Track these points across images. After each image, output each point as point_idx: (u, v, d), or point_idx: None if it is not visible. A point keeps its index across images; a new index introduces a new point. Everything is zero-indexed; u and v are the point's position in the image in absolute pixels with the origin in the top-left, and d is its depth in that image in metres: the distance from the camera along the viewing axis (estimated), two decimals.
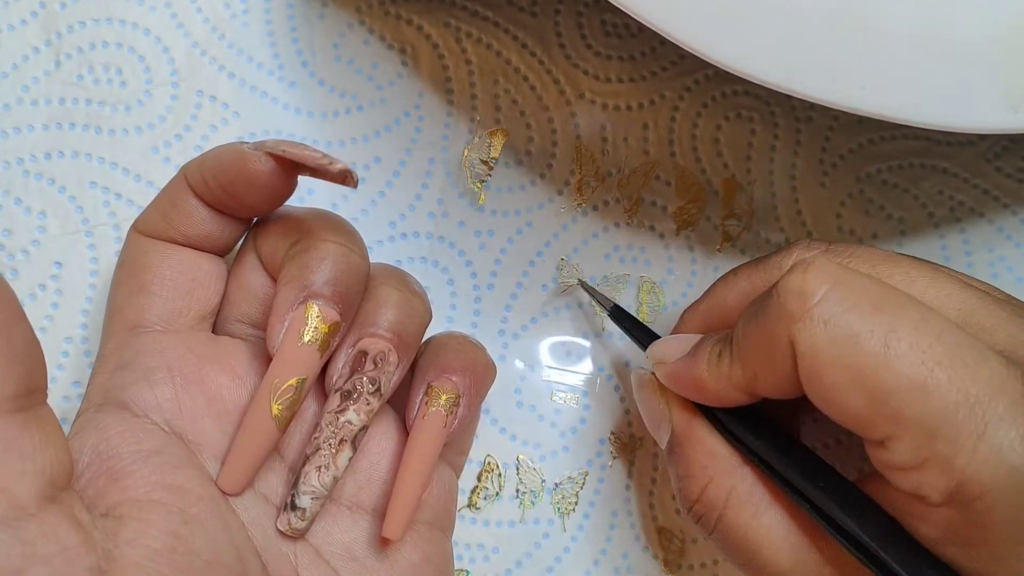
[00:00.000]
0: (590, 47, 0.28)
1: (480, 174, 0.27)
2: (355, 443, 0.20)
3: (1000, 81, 0.23)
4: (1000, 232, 0.28)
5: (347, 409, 0.20)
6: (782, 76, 0.22)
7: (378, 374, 0.20)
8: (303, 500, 0.20)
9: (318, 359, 0.20)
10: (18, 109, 0.26)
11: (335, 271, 0.20)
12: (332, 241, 0.20)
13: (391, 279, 0.22)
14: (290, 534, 0.20)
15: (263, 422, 0.20)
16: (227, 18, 0.27)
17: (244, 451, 0.20)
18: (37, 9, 0.26)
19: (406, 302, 0.21)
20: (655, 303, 0.27)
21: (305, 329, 0.20)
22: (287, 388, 0.19)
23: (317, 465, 0.20)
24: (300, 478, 0.20)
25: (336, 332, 0.20)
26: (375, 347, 0.20)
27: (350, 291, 0.20)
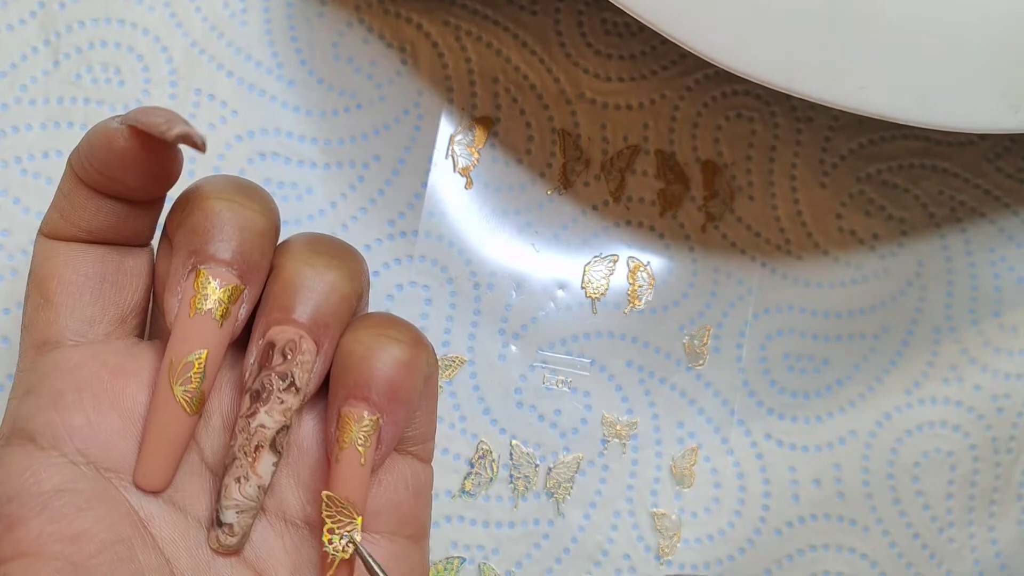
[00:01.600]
0: (590, 46, 0.28)
1: (466, 163, 0.27)
2: (275, 446, 0.18)
3: (1001, 81, 0.23)
4: (1002, 232, 0.28)
5: (258, 411, 0.18)
6: (782, 76, 0.22)
7: (289, 367, 0.18)
8: (227, 515, 0.18)
9: (217, 329, 0.18)
10: (16, 108, 0.26)
11: (225, 230, 0.18)
12: (219, 199, 0.18)
13: (300, 251, 0.19)
14: (222, 552, 0.18)
15: (168, 407, 0.18)
16: (226, 17, 0.27)
17: (155, 442, 0.18)
18: (36, 9, 0.26)
19: (316, 276, 0.18)
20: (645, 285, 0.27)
21: (197, 298, 0.17)
22: (186, 365, 0.17)
23: (236, 476, 0.18)
24: (222, 491, 0.18)
25: (238, 298, 0.18)
26: (283, 336, 0.18)
27: (247, 250, 0.18)
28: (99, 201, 0.18)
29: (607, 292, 0.27)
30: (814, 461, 0.27)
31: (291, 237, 0.20)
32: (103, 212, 0.18)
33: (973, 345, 0.27)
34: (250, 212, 0.18)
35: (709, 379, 0.27)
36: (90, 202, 0.18)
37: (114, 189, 0.18)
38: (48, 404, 0.18)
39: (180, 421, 0.18)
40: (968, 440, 0.27)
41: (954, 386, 0.27)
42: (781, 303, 0.27)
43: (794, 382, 0.27)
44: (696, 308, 0.27)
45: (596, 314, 0.27)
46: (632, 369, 0.27)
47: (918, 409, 0.27)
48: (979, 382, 0.27)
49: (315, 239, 0.19)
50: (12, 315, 0.25)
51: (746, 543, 0.26)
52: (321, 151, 0.27)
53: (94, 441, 0.18)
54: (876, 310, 0.28)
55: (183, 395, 0.18)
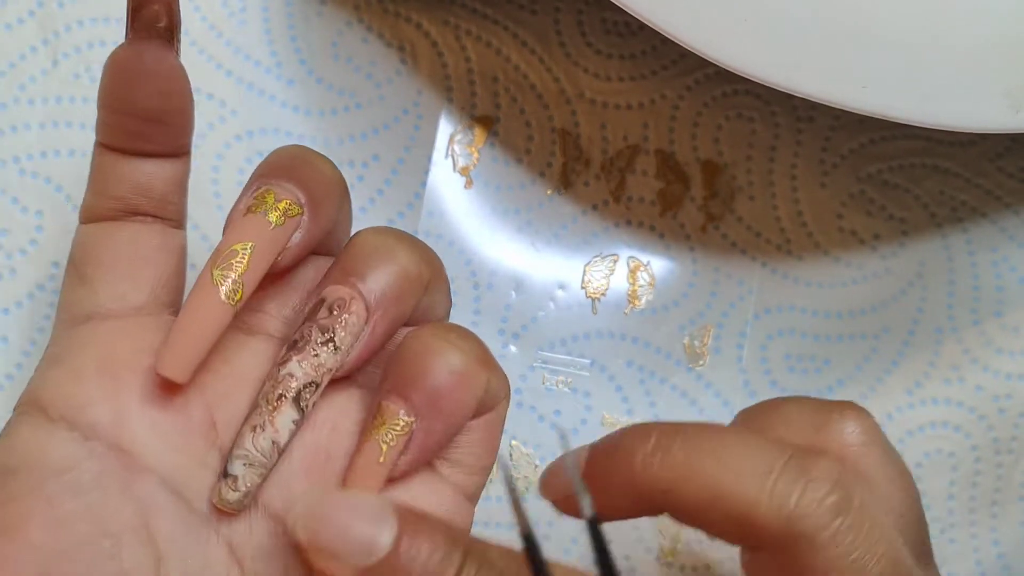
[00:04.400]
0: (590, 45, 0.28)
1: (466, 162, 0.27)
2: (300, 402, 0.17)
3: (1002, 81, 0.23)
4: (1003, 232, 0.28)
5: (290, 359, 0.17)
6: (783, 75, 0.22)
7: (332, 322, 0.17)
8: (235, 465, 0.17)
9: (268, 229, 0.17)
10: (15, 108, 0.26)
11: (294, 163, 0.18)
12: (292, 145, 0.19)
13: (379, 228, 0.19)
14: (220, 507, 0.17)
15: (204, 291, 0.17)
16: (225, 16, 0.27)
17: (185, 327, 0.17)
18: (35, 8, 0.26)
19: (384, 248, 0.18)
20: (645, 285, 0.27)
21: (255, 204, 0.18)
22: (230, 252, 0.17)
23: (253, 424, 0.17)
24: (235, 440, 0.17)
25: (295, 214, 0.18)
26: (334, 293, 0.17)
27: (312, 184, 0.18)
28: (124, 163, 0.18)
29: (607, 292, 0.27)
30: None
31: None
32: (130, 174, 0.18)
33: (975, 345, 0.27)
34: (321, 161, 0.19)
35: (710, 379, 0.27)
36: (116, 166, 0.18)
37: (133, 136, 0.18)
38: (68, 376, 0.18)
39: (214, 306, 0.17)
40: (970, 441, 0.27)
41: (955, 386, 0.27)
42: (782, 303, 0.27)
43: (795, 383, 0.27)
44: (696, 308, 0.27)
45: (596, 314, 0.27)
46: (632, 369, 0.27)
47: (919, 410, 0.27)
48: (981, 382, 0.27)
49: (395, 229, 0.19)
50: (11, 314, 0.25)
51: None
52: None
53: (109, 418, 0.17)
54: (877, 310, 0.28)
55: (220, 278, 0.17)
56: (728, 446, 0.17)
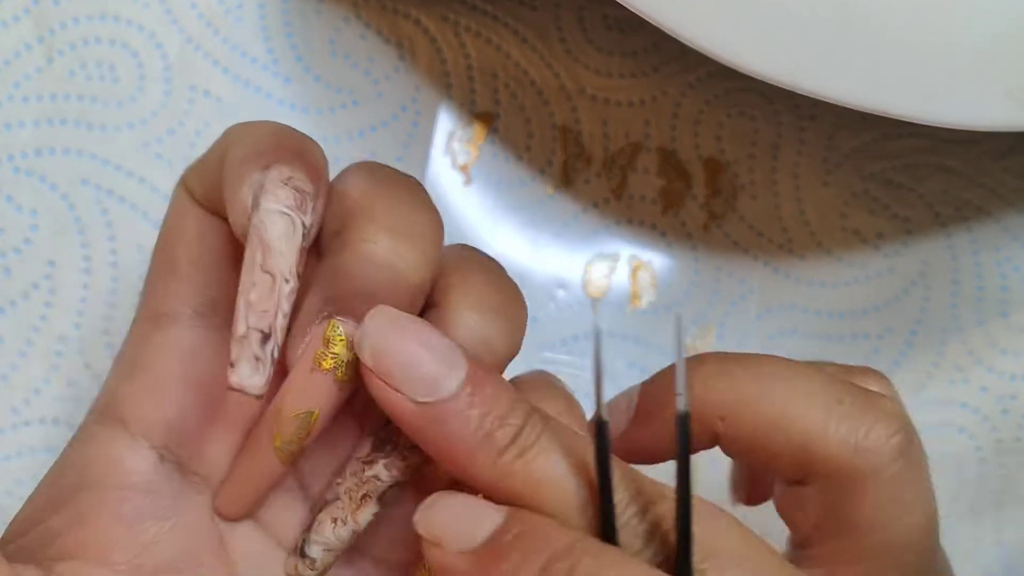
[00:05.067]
0: (591, 42, 0.27)
1: (465, 159, 0.26)
2: (383, 499, 0.17)
3: (1006, 78, 0.23)
4: (1007, 231, 0.28)
5: (376, 461, 0.16)
6: (786, 73, 0.22)
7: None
8: (313, 549, 0.17)
9: (336, 391, 0.16)
10: (9, 105, 0.26)
11: (376, 284, 0.16)
12: (378, 242, 0.16)
13: (470, 291, 0.17)
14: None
15: (263, 452, 0.17)
16: (221, 13, 0.27)
17: (242, 479, 0.17)
18: (30, 6, 0.26)
19: (477, 329, 0.16)
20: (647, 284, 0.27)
21: (323, 352, 0.16)
22: (293, 419, 0.16)
23: (333, 516, 0.17)
24: (314, 525, 0.17)
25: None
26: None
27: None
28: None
29: (608, 291, 0.27)
30: None
31: (456, 262, 0.17)
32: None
33: (979, 346, 0.27)
34: (409, 268, 0.16)
35: None
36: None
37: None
38: (150, 388, 0.17)
39: (270, 467, 0.17)
40: (973, 442, 0.27)
41: (960, 387, 0.27)
42: (784, 303, 0.27)
43: None
44: (698, 308, 0.27)
45: (596, 315, 0.27)
46: (634, 370, 0.27)
47: (923, 411, 0.27)
48: (985, 383, 0.27)
49: (482, 276, 0.17)
50: (5, 314, 0.25)
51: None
52: None
53: (187, 440, 0.17)
54: (880, 310, 0.27)
55: (282, 445, 0.16)
56: (794, 374, 0.17)
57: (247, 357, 0.15)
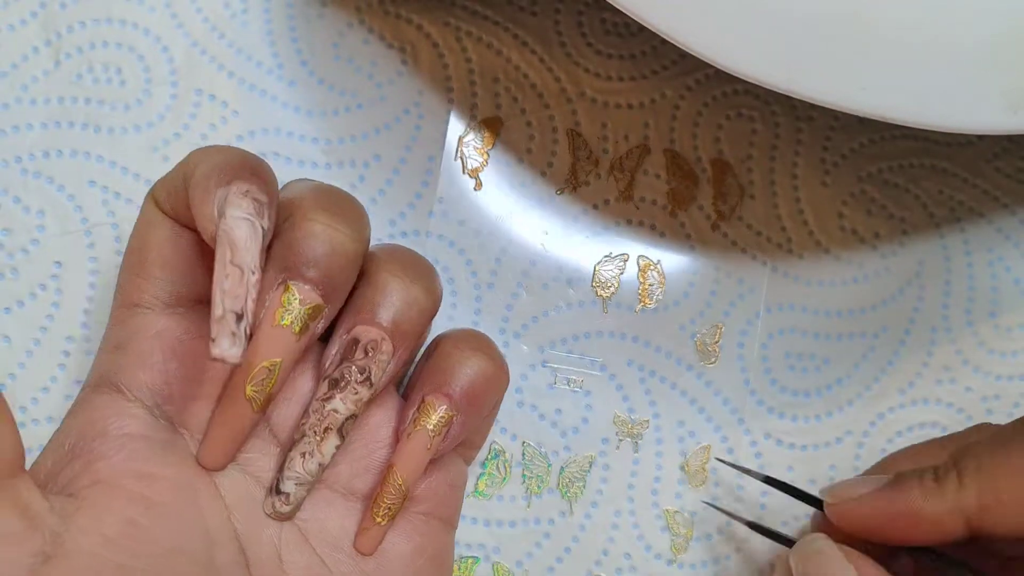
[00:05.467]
0: (591, 45, 0.28)
1: (476, 164, 0.27)
2: (342, 432, 0.20)
3: (999, 82, 0.23)
4: (1000, 232, 0.28)
5: (333, 397, 0.20)
6: (782, 77, 0.22)
7: (368, 363, 0.20)
8: (287, 485, 0.20)
9: (294, 342, 0.19)
10: (17, 108, 0.26)
11: (318, 253, 0.19)
12: (318, 221, 0.19)
13: (393, 264, 0.21)
14: (274, 517, 0.21)
15: (238, 403, 0.20)
16: (226, 17, 0.27)
17: (221, 429, 0.20)
18: (37, 9, 0.26)
19: (404, 290, 0.20)
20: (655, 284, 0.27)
21: (282, 311, 0.19)
22: (260, 370, 0.19)
23: (302, 451, 0.20)
24: (286, 463, 0.20)
25: (318, 316, 0.20)
26: (367, 335, 0.20)
27: (334, 274, 0.20)
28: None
29: (618, 291, 0.27)
30: (811, 461, 0.27)
31: (381, 248, 0.22)
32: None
33: (967, 346, 0.27)
34: (344, 238, 0.20)
35: (711, 378, 0.27)
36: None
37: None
38: (136, 363, 0.20)
39: (246, 416, 0.20)
40: None
41: (946, 387, 0.27)
42: (783, 302, 0.27)
43: (795, 381, 0.27)
44: (698, 307, 0.27)
45: (607, 313, 0.27)
46: (644, 371, 0.27)
47: (910, 410, 0.27)
48: (971, 383, 0.27)
49: (404, 254, 0.22)
50: (13, 314, 0.25)
51: (742, 542, 0.26)
52: (322, 151, 0.27)
53: (172, 401, 0.20)
54: (877, 309, 0.28)
55: (253, 394, 0.19)
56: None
57: (226, 333, 0.17)
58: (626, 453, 0.27)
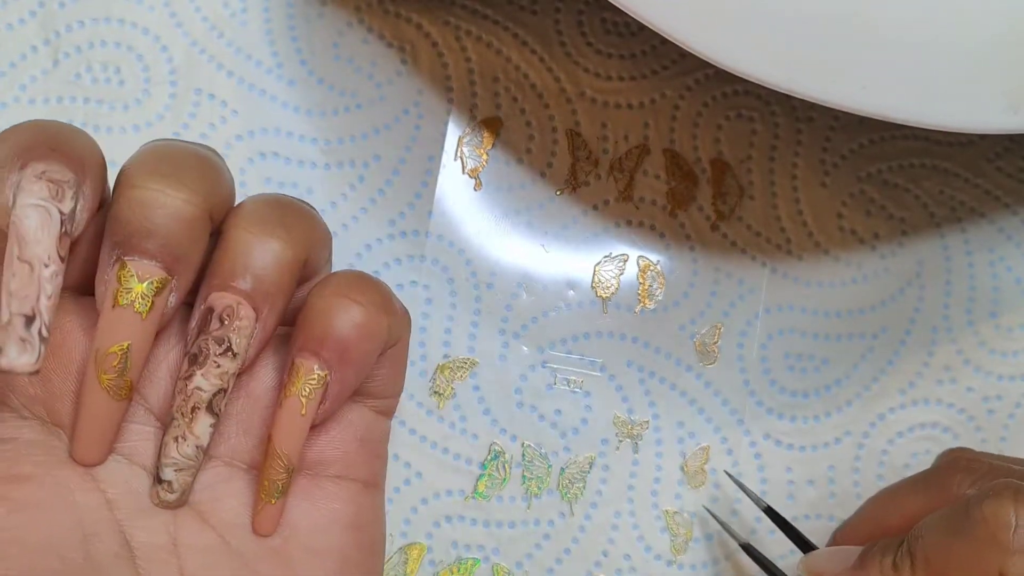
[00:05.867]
0: (591, 45, 0.28)
1: (475, 164, 0.27)
2: (212, 408, 0.18)
3: (1000, 81, 0.23)
4: (1001, 232, 0.28)
5: (194, 374, 0.18)
6: (782, 76, 0.22)
7: (226, 333, 0.18)
8: (167, 472, 0.19)
9: (140, 322, 0.18)
10: (15, 107, 0.26)
11: (148, 221, 0.17)
12: (143, 187, 0.17)
13: (245, 218, 0.19)
14: (163, 507, 0.19)
15: (95, 393, 0.18)
16: (226, 17, 0.27)
17: (86, 424, 0.18)
18: (36, 8, 0.26)
19: (258, 245, 0.18)
20: (655, 284, 0.27)
21: (121, 291, 0.18)
22: (110, 355, 0.18)
23: (174, 435, 0.19)
24: (161, 449, 0.19)
25: (164, 289, 0.18)
26: (221, 302, 0.18)
27: (172, 241, 0.18)
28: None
29: (617, 292, 0.27)
30: (810, 461, 0.27)
31: (243, 201, 0.20)
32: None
33: (968, 346, 0.27)
34: (176, 201, 0.17)
35: (710, 379, 0.27)
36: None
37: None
38: None
39: (108, 406, 0.18)
40: (957, 442, 0.27)
41: (947, 387, 0.27)
42: (782, 303, 0.27)
43: (794, 382, 0.27)
44: (697, 308, 0.27)
45: (607, 314, 0.27)
46: (644, 371, 0.27)
47: (911, 410, 0.27)
48: (972, 384, 0.27)
49: (264, 205, 0.19)
50: None
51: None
52: (321, 151, 0.27)
53: (39, 400, 0.19)
54: (876, 310, 0.28)
55: (109, 383, 0.18)
56: None
57: (13, 340, 0.16)
58: (626, 454, 0.27)
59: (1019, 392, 0.27)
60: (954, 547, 0.19)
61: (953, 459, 0.23)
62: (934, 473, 0.23)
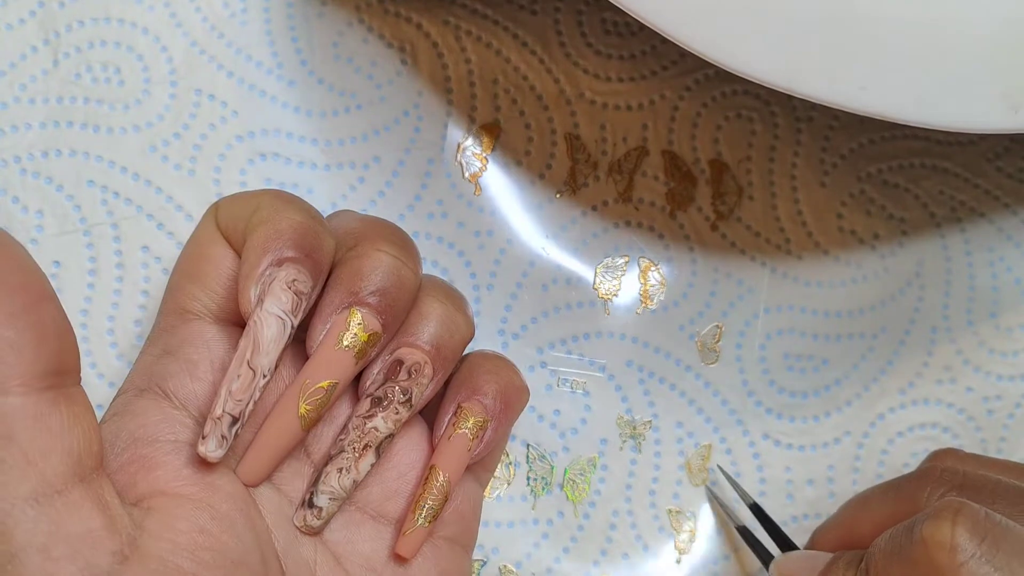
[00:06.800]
0: (590, 45, 0.28)
1: (475, 169, 0.27)
2: (379, 450, 0.20)
3: (1000, 81, 0.23)
4: (1000, 232, 0.28)
5: (375, 415, 0.20)
6: (782, 76, 0.22)
7: (411, 384, 0.20)
8: (321, 499, 0.20)
9: (353, 365, 0.20)
10: (15, 107, 0.26)
11: (385, 282, 0.20)
12: (388, 253, 0.20)
13: (437, 292, 0.22)
14: (304, 531, 0.21)
15: (288, 419, 0.20)
16: (226, 17, 0.27)
17: (266, 445, 0.20)
18: (35, 8, 0.26)
19: (449, 317, 0.21)
20: (656, 285, 0.27)
21: (345, 334, 0.20)
22: (317, 389, 0.20)
23: (339, 467, 0.20)
24: (321, 477, 0.20)
25: (376, 342, 0.20)
26: (411, 358, 0.21)
27: (396, 304, 0.20)
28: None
29: (619, 293, 0.27)
30: (809, 461, 0.27)
31: (430, 277, 0.23)
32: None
33: (968, 346, 0.27)
34: (408, 271, 0.21)
35: (709, 379, 0.27)
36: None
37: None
38: (184, 370, 0.20)
39: (293, 434, 0.20)
40: (957, 442, 0.27)
41: (947, 387, 0.27)
42: (781, 303, 0.27)
43: (793, 382, 0.27)
44: (696, 308, 0.27)
45: (609, 315, 0.27)
46: (644, 372, 0.27)
47: (911, 410, 0.27)
48: (971, 384, 0.27)
49: (443, 283, 0.23)
50: None
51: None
52: (321, 152, 0.27)
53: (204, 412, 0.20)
54: (876, 310, 0.28)
55: (305, 412, 0.20)
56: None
57: (216, 436, 0.18)
58: (625, 454, 0.27)
59: (1019, 392, 0.27)
60: (896, 568, 0.19)
61: (929, 468, 0.23)
62: (907, 482, 0.23)
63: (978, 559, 0.18)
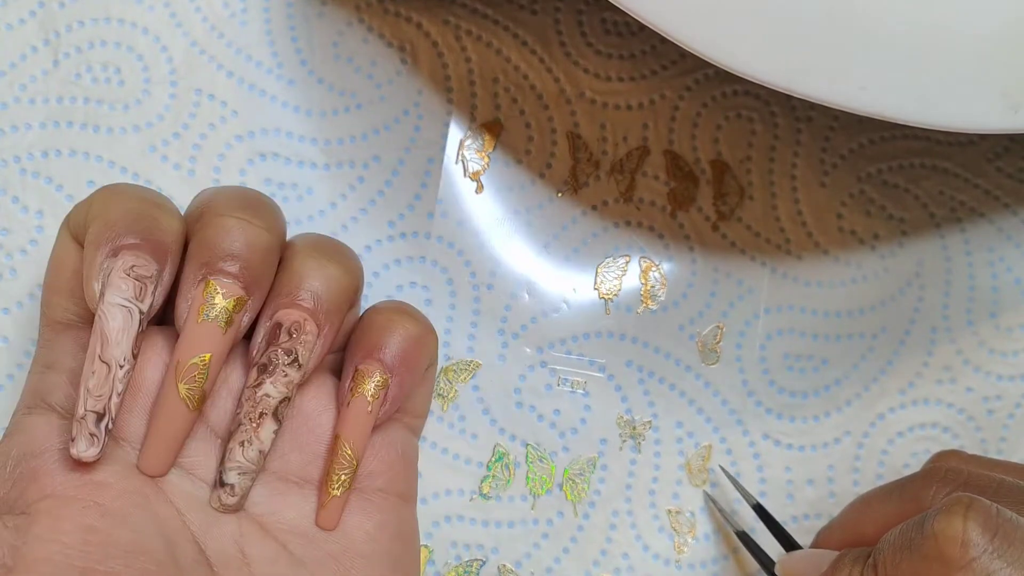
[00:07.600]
0: (590, 45, 0.28)
1: (476, 168, 0.27)
2: (277, 415, 0.20)
3: (1000, 81, 0.23)
4: (1000, 232, 0.28)
5: (264, 382, 0.20)
6: (782, 76, 0.22)
7: (293, 345, 0.20)
8: (230, 476, 0.20)
9: (222, 336, 0.20)
10: (16, 107, 0.26)
11: (235, 246, 0.20)
12: (231, 216, 0.20)
13: (308, 248, 0.21)
14: (222, 510, 0.20)
15: (172, 403, 0.20)
16: (226, 17, 0.27)
17: (158, 433, 0.20)
18: (36, 8, 0.26)
19: (320, 269, 0.21)
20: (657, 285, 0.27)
21: (205, 306, 0.19)
22: (191, 367, 0.20)
23: (240, 440, 0.20)
24: (226, 454, 0.20)
25: (242, 308, 0.20)
26: (289, 317, 0.20)
27: (252, 265, 0.20)
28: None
29: (620, 293, 0.27)
30: (809, 461, 0.27)
31: (296, 236, 0.22)
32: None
33: (968, 346, 0.27)
34: (258, 230, 0.20)
35: (709, 379, 0.27)
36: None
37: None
38: (66, 380, 0.20)
39: (182, 416, 0.20)
40: (957, 442, 0.27)
41: (947, 387, 0.27)
42: (781, 303, 0.27)
43: (793, 382, 0.27)
44: (696, 308, 0.27)
45: (609, 315, 0.27)
46: (644, 372, 0.27)
47: (911, 410, 0.27)
48: (972, 384, 0.27)
49: (318, 239, 0.22)
50: (11, 315, 0.25)
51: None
52: (321, 151, 0.27)
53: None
54: (875, 310, 0.28)
55: (187, 392, 0.20)
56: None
57: (84, 435, 0.19)
58: (625, 454, 0.27)
59: (1019, 392, 0.27)
60: (906, 563, 0.19)
61: (933, 468, 0.23)
62: (911, 482, 0.23)
63: (989, 554, 0.18)
